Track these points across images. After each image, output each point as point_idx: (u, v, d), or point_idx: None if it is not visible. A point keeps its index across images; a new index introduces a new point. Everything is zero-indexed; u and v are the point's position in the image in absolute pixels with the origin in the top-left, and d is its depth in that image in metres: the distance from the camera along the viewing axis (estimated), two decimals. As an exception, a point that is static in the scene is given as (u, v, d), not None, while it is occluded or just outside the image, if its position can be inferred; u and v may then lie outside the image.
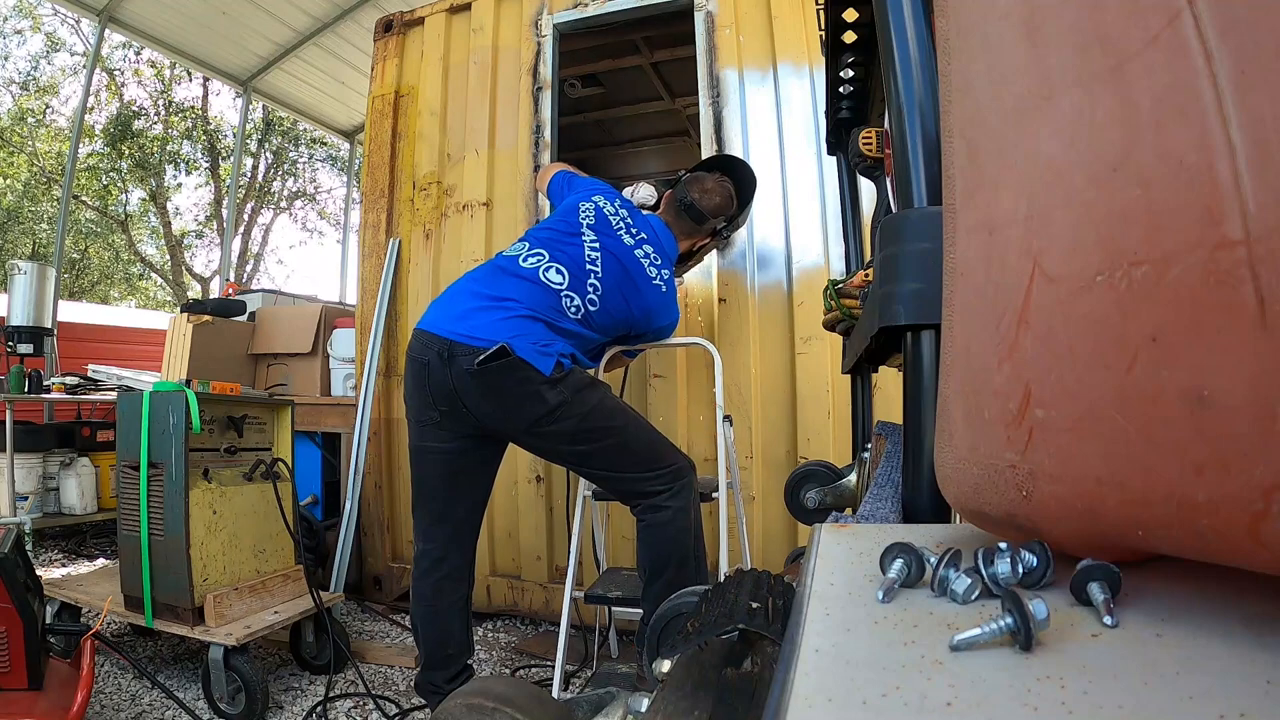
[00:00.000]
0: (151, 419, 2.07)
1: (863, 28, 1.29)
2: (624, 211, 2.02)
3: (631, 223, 2.00)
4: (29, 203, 12.57)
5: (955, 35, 0.46)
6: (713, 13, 2.80)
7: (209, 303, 3.95)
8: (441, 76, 3.21)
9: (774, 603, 0.60)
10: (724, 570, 1.93)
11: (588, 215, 1.98)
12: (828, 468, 1.68)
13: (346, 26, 6.76)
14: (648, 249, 1.96)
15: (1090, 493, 0.33)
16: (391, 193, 3.23)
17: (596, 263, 1.89)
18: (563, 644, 1.94)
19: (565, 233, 1.94)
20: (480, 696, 0.66)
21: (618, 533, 2.72)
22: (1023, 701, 0.26)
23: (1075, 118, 0.33)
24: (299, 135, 14.20)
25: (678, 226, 2.07)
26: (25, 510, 3.67)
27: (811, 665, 0.30)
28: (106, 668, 2.34)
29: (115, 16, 5.99)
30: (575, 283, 1.84)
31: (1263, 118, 0.25)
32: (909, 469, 0.63)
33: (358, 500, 2.92)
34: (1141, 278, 0.29)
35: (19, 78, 12.39)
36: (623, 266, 1.91)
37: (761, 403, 2.60)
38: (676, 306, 2.03)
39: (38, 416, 4.63)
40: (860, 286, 1.09)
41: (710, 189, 2.07)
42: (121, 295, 15.51)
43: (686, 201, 2.05)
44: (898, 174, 0.67)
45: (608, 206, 2.01)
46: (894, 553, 0.39)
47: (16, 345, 4.21)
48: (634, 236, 1.97)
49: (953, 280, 0.45)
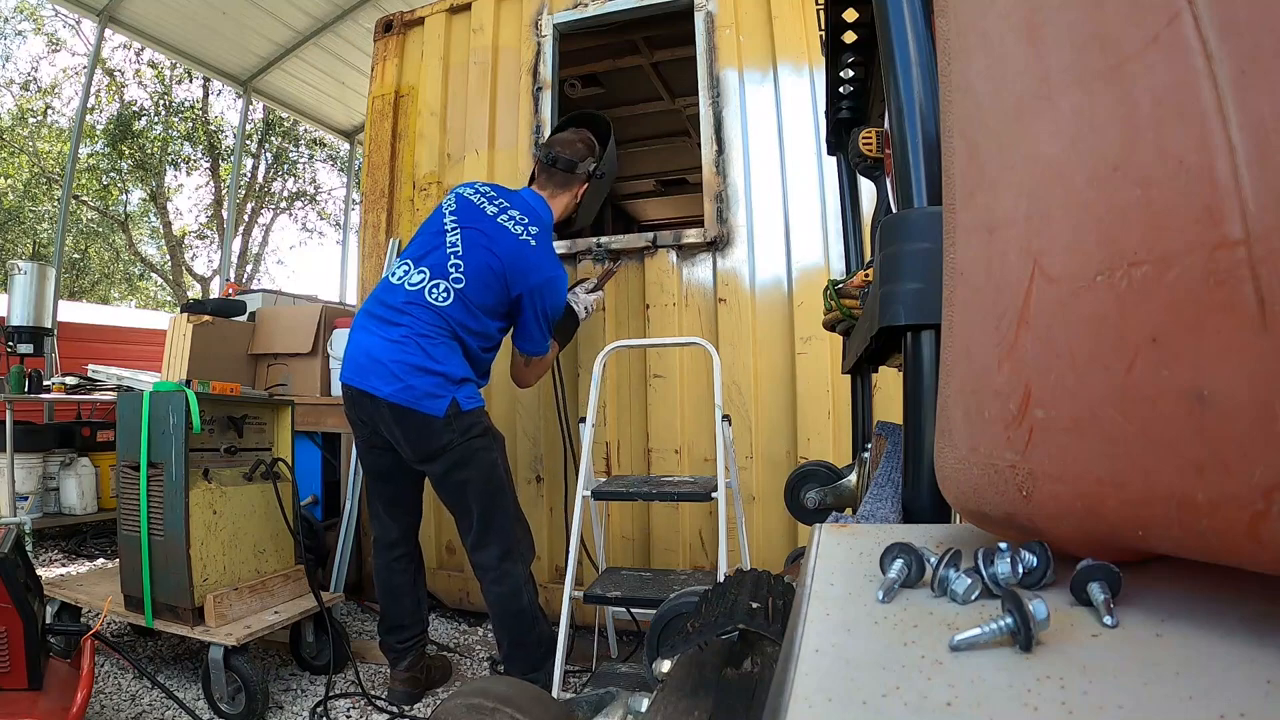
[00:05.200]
0: (151, 419, 2.07)
1: (863, 28, 1.29)
2: (489, 190, 2.21)
3: (495, 195, 2.18)
4: (29, 203, 12.57)
5: (955, 35, 0.46)
6: (713, 13, 2.80)
7: (209, 303, 3.95)
8: (441, 76, 3.21)
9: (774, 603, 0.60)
10: (723, 570, 1.93)
11: (450, 205, 2.18)
12: (828, 468, 1.68)
13: (346, 26, 6.76)
14: (513, 213, 2.13)
15: (1090, 493, 0.33)
16: (392, 193, 3.23)
17: (457, 244, 2.09)
18: (562, 644, 1.94)
19: (431, 234, 2.14)
20: (480, 696, 0.66)
21: (617, 533, 2.72)
22: (1023, 701, 0.26)
23: (1075, 118, 0.33)
24: (299, 135, 14.19)
25: (552, 186, 2.25)
26: (25, 510, 3.67)
27: (811, 665, 0.30)
28: (106, 668, 2.33)
29: (115, 16, 5.99)
30: (437, 271, 2.06)
31: (1263, 118, 0.25)
32: (909, 469, 0.63)
33: (358, 500, 2.92)
34: (1141, 278, 0.29)
35: (20, 78, 12.41)
36: (482, 234, 2.08)
37: (761, 403, 2.60)
38: (556, 264, 2.16)
39: (38, 416, 4.63)
40: (860, 286, 1.09)
41: (568, 140, 2.27)
42: (121, 295, 15.51)
43: (550, 157, 2.23)
44: (898, 174, 0.67)
45: (471, 193, 2.19)
46: (894, 553, 0.39)
47: (16, 345, 4.21)
48: (496, 206, 2.14)
49: (953, 280, 0.45)
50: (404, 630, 2.19)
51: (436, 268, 2.06)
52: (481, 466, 2.04)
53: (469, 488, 2.05)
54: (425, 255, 2.10)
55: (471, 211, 2.13)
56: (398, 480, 2.17)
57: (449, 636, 2.78)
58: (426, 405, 1.96)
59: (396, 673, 2.21)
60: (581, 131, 2.30)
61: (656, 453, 2.69)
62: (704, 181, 2.73)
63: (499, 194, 2.19)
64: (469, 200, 2.17)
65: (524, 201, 2.18)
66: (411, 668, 2.21)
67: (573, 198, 2.27)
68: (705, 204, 2.72)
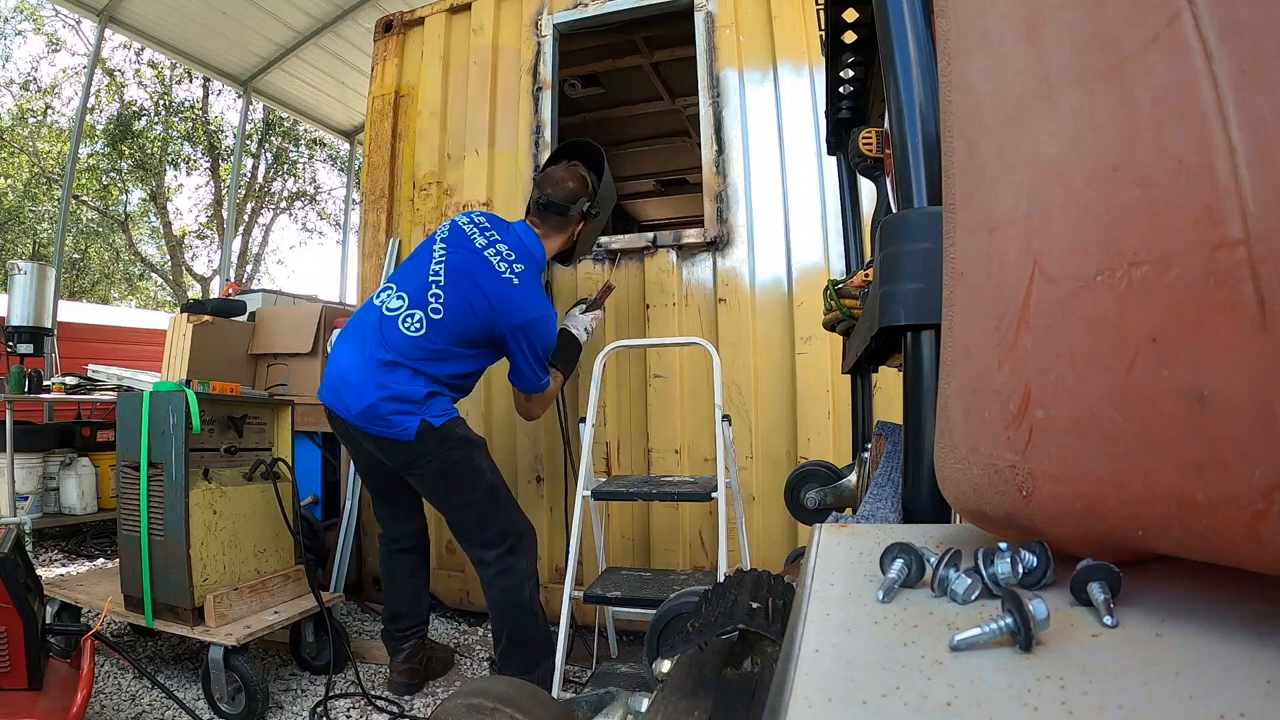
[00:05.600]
0: (151, 419, 2.07)
1: (863, 28, 1.29)
2: (483, 220, 2.17)
3: (487, 227, 2.14)
4: (29, 203, 12.57)
5: (955, 35, 0.46)
6: (713, 13, 2.80)
7: (209, 303, 3.95)
8: (441, 76, 3.21)
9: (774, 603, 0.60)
10: (723, 570, 1.93)
11: (443, 233, 2.17)
12: (828, 468, 1.68)
13: (346, 26, 6.75)
14: (501, 248, 2.09)
15: (1090, 493, 0.33)
16: (391, 193, 3.23)
17: (440, 274, 2.07)
18: (562, 644, 1.94)
19: (419, 259, 2.14)
20: (480, 696, 0.66)
21: (617, 533, 2.72)
22: (1023, 701, 0.26)
23: (1075, 118, 0.33)
24: (299, 135, 14.19)
25: (547, 226, 2.20)
26: (25, 510, 3.66)
27: (811, 665, 0.30)
28: (106, 668, 2.33)
29: (115, 16, 5.99)
30: (416, 300, 2.05)
31: (1263, 118, 0.25)
32: (909, 469, 0.63)
33: (358, 500, 2.92)
34: (1141, 278, 0.29)
35: (20, 78, 12.40)
36: (466, 268, 2.06)
37: (761, 403, 2.60)
38: (541, 303, 2.11)
39: (38, 416, 4.63)
40: (860, 286, 1.09)
41: (560, 179, 2.20)
42: (122, 295, 15.51)
43: (543, 201, 2.18)
44: (898, 174, 0.67)
45: (466, 222, 2.17)
46: (894, 553, 0.39)
47: (16, 345, 4.21)
48: (487, 238, 2.11)
49: (953, 280, 0.45)
50: (402, 619, 2.24)
51: (416, 295, 2.06)
52: (464, 473, 2.05)
53: (456, 495, 2.07)
54: (408, 281, 2.10)
55: (461, 242, 2.12)
56: (389, 485, 2.20)
57: (449, 636, 2.78)
58: (396, 429, 1.97)
59: (396, 663, 2.23)
60: (574, 168, 2.22)
61: (656, 453, 2.69)
62: (704, 181, 2.73)
63: (493, 225, 2.16)
64: (461, 230, 2.15)
65: (516, 236, 2.15)
66: (410, 659, 2.23)
67: (568, 237, 2.25)
68: (705, 204, 2.72)
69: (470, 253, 2.09)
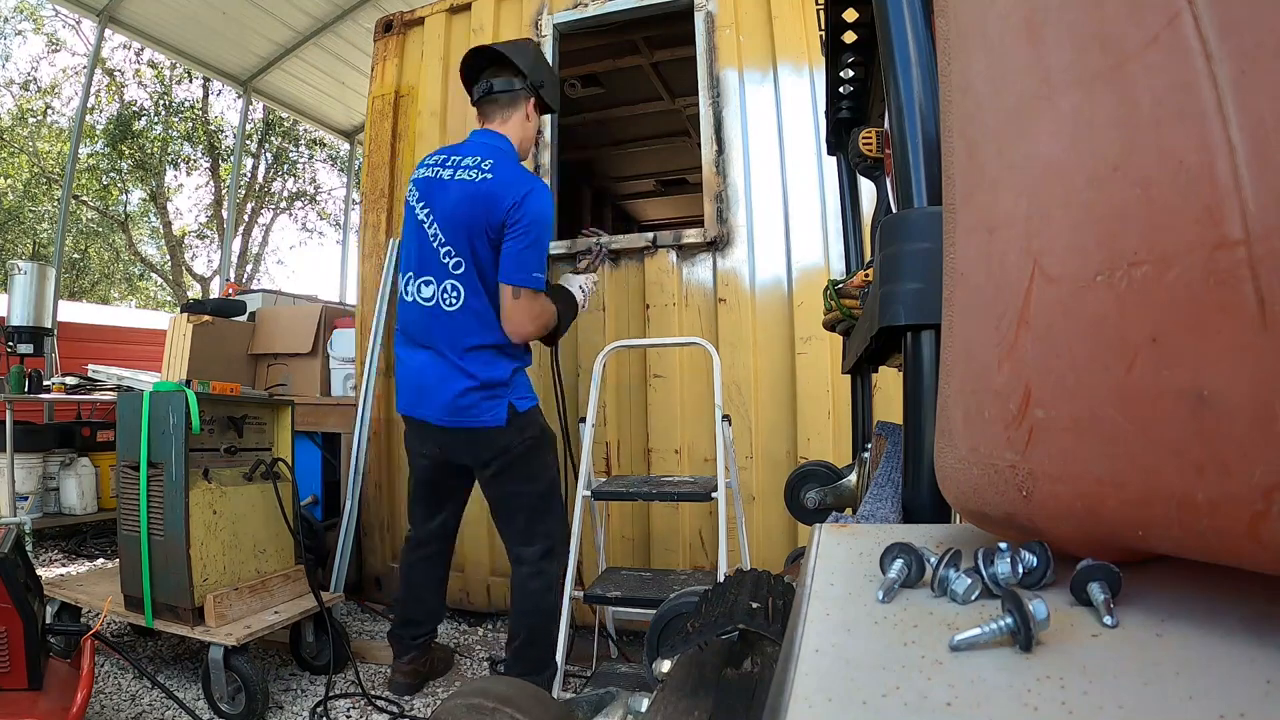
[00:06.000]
0: (151, 419, 2.07)
1: (863, 28, 1.29)
2: (438, 157, 2.14)
3: (445, 158, 2.11)
4: (29, 203, 12.56)
5: (955, 35, 0.46)
6: (713, 13, 2.80)
7: (209, 303, 3.95)
8: (441, 76, 3.21)
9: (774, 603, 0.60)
10: (723, 570, 1.93)
11: (413, 195, 2.13)
12: (828, 468, 1.68)
13: (346, 26, 6.75)
14: (465, 162, 2.06)
15: (1090, 493, 0.33)
16: (391, 193, 3.23)
17: (437, 233, 2.03)
18: (563, 644, 1.94)
19: (414, 234, 2.10)
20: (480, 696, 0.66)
21: (617, 533, 2.72)
22: (1023, 701, 0.26)
23: (1075, 118, 0.33)
24: (299, 135, 14.19)
25: (499, 115, 2.16)
26: (25, 510, 3.66)
27: (811, 665, 0.30)
28: (106, 668, 2.33)
29: (115, 16, 5.99)
30: (439, 274, 2.02)
31: (1263, 118, 0.25)
32: (909, 469, 0.63)
33: (358, 500, 2.92)
34: (1141, 278, 0.29)
35: (20, 78, 12.40)
36: (449, 204, 2.02)
37: (761, 403, 2.60)
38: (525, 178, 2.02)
39: (38, 416, 4.63)
40: (860, 286, 1.09)
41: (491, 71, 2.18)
42: (121, 295, 15.50)
43: (485, 86, 2.15)
44: (898, 174, 0.67)
45: (424, 171, 2.13)
46: (894, 553, 0.39)
47: (16, 345, 4.21)
48: (449, 166, 2.08)
49: (953, 280, 0.45)
50: (418, 626, 2.25)
51: (437, 270, 2.02)
52: (536, 467, 2.06)
53: (523, 488, 2.07)
54: (421, 261, 2.06)
55: (432, 188, 2.07)
56: (444, 486, 2.22)
57: (449, 636, 2.78)
58: (485, 419, 1.98)
59: (399, 664, 2.23)
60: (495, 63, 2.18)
61: (656, 453, 2.69)
62: (704, 181, 2.73)
63: (447, 153, 2.12)
64: (426, 179, 2.10)
65: (472, 145, 2.11)
66: (415, 661, 2.24)
67: (524, 116, 2.17)
68: (705, 204, 2.72)
69: (442, 188, 2.04)
